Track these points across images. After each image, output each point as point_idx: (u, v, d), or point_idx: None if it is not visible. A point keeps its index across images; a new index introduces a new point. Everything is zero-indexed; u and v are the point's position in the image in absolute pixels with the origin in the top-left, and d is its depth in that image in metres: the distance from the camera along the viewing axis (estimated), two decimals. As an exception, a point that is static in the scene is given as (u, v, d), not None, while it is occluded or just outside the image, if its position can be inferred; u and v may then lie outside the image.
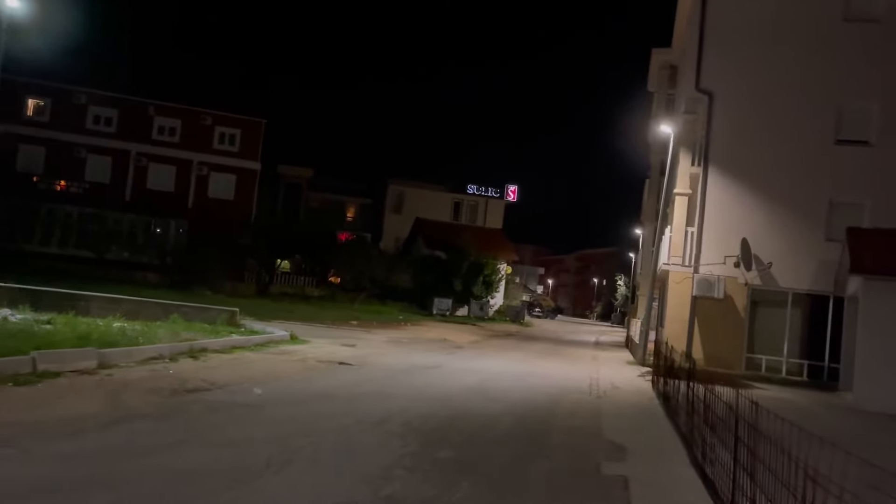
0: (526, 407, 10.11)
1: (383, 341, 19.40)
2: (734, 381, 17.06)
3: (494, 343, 24.74)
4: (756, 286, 20.39)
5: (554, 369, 16.73)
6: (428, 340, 21.76)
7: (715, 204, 20.73)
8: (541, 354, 21.40)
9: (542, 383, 13.30)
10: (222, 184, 41.57)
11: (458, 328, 30.94)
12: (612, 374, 16.65)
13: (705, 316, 20.54)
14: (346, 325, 24.53)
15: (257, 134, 42.93)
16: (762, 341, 20.40)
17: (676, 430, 9.09)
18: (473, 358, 17.64)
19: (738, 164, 20.72)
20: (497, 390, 11.55)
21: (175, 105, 41.50)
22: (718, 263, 20.45)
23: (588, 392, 12.66)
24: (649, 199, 30.70)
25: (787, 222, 20.29)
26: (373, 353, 15.81)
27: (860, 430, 11.49)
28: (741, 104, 20.87)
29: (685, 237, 21.09)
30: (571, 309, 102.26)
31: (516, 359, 18.70)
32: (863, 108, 20.17)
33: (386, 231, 59.16)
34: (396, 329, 25.81)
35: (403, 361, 14.61)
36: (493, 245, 46.84)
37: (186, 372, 9.94)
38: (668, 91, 28.51)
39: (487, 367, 15.57)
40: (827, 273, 19.63)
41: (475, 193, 63.60)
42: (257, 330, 16.56)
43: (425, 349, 18.58)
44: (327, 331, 20.89)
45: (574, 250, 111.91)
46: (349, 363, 13.07)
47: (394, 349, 17.49)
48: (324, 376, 11.12)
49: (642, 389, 13.97)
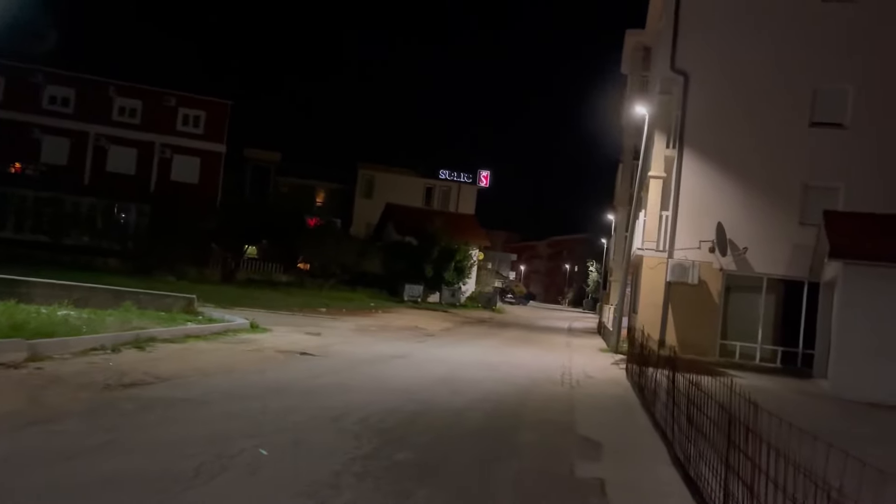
0: (496, 399, 9.51)
1: (350, 329, 18.70)
2: (709, 368, 16.70)
3: (466, 330, 24.16)
4: (731, 271, 20.05)
5: (526, 357, 16.19)
6: (397, 328, 21.11)
7: (690, 187, 20.31)
8: (513, 342, 20.86)
9: (514, 373, 12.73)
10: (186, 167, 40.36)
11: (430, 315, 30.33)
12: (585, 362, 16.15)
13: (679, 302, 20.16)
14: (314, 313, 23.78)
15: (223, 116, 41.72)
16: (736, 328, 20.09)
17: (654, 424, 8.56)
18: (443, 346, 17.03)
19: (714, 146, 20.30)
20: (466, 381, 10.94)
21: (137, 85, 40.13)
22: (693, 248, 20.06)
23: (560, 382, 12.11)
24: (622, 184, 30.28)
25: (763, 206, 19.94)
26: (338, 341, 15.12)
27: (842, 422, 11.10)
28: (717, 85, 20.43)
29: (659, 221, 20.65)
30: (543, 295, 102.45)
31: (488, 347, 18.14)
32: (838, 90, 19.85)
33: (356, 216, 58.19)
34: (366, 316, 25.11)
35: (369, 351, 13.94)
36: (464, 231, 46.21)
37: (128, 364, 9.17)
38: (642, 73, 28.02)
39: (457, 355, 14.97)
40: (801, 258, 19.34)
41: (447, 179, 62.82)
42: (216, 318, 15.76)
43: (394, 337, 17.92)
44: (292, 318, 20.13)
45: (546, 237, 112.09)
46: (311, 353, 12.37)
47: (360, 338, 16.80)
48: (281, 368, 10.41)
49: (616, 378, 13.48)
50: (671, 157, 20.65)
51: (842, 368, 13.54)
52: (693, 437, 6.03)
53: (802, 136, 19.88)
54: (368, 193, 59.77)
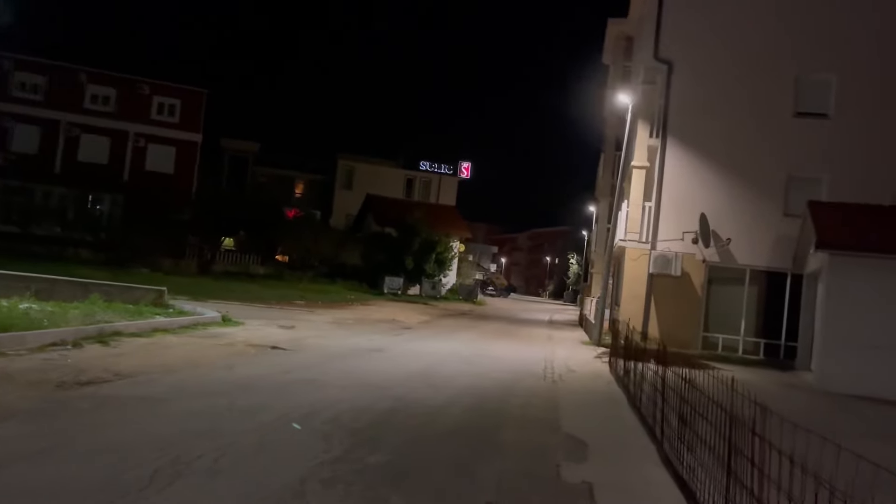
0: (476, 395, 9.11)
1: (327, 322, 18.23)
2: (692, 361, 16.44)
3: (446, 323, 23.77)
4: (714, 263, 19.81)
5: (507, 351, 15.83)
6: (375, 321, 20.66)
7: (673, 177, 20.03)
8: (493, 334, 20.50)
9: (495, 367, 12.35)
10: (161, 156, 39.47)
11: (409, 307, 29.91)
12: (567, 356, 15.82)
13: (662, 294, 19.91)
14: (290, 305, 23.28)
15: (198, 104, 40.84)
16: (719, 320, 19.87)
17: (641, 421, 8.21)
18: (422, 339, 16.62)
19: (697, 136, 20.03)
20: (444, 376, 10.53)
21: (110, 73, 39.09)
22: (676, 240, 19.80)
23: (543, 377, 11.74)
24: (604, 175, 30.00)
25: (746, 197, 19.71)
26: (312, 335, 14.65)
27: (833, 416, 10.84)
28: (700, 74, 20.14)
29: (642, 212, 20.36)
30: (524, 287, 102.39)
31: (467, 339, 17.75)
32: (822, 80, 19.63)
33: (336, 208, 57.52)
34: (343, 309, 24.63)
35: (344, 344, 13.49)
36: (445, 222, 45.79)
37: (88, 360, 8.66)
38: (625, 63, 27.71)
39: (436, 349, 14.56)
40: (784, 249, 19.14)
41: (428, 170, 62.31)
42: (186, 311, 15.23)
43: (371, 330, 17.48)
44: (267, 311, 19.61)
45: (527, 229, 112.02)
46: (283, 347, 11.90)
47: (336, 331, 16.34)
48: (251, 363, 9.94)
49: (600, 372, 13.15)
50: (654, 146, 20.36)
51: (826, 361, 13.31)
52: (686, 438, 5.68)
53: (786, 127, 19.66)
54: (348, 185, 59.10)
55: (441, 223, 44.29)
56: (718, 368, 15.63)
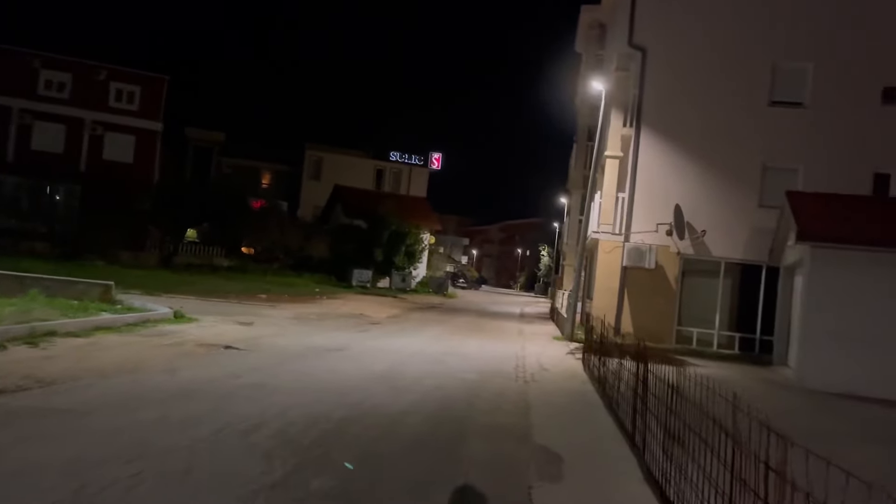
0: (441, 399, 8.41)
1: (288, 318, 17.39)
2: (667, 356, 15.92)
3: (415, 317, 23.05)
4: (688, 255, 19.35)
5: (476, 347, 15.16)
6: (340, 315, 19.86)
7: (647, 168, 19.50)
8: (463, 329, 19.84)
9: (463, 366, 11.66)
10: (120, 145, 38.06)
11: (378, 301, 29.13)
12: (539, 352, 15.20)
13: (636, 287, 19.40)
14: (253, 299, 22.37)
15: (159, 91, 39.43)
16: (693, 314, 19.43)
17: (619, 426, 7.59)
18: (388, 336, 15.87)
19: (672, 124, 19.51)
20: (409, 377, 9.81)
21: (65, 57, 37.52)
22: (650, 231, 19.28)
23: (514, 376, 11.08)
24: (576, 166, 29.45)
25: (722, 188, 19.26)
26: (271, 332, 13.83)
27: (817, 417, 10.35)
28: (676, 62, 19.61)
29: (616, 203, 19.82)
30: (496, 279, 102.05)
31: (436, 335, 17.04)
32: (798, 68, 19.22)
33: (304, 199, 56.43)
34: (308, 303, 23.78)
35: (304, 343, 12.70)
36: (416, 214, 45.02)
37: (9, 365, 7.79)
38: (597, 51, 27.13)
39: (402, 346, 13.83)
40: (760, 241, 18.75)
41: (398, 161, 61.44)
42: (136, 307, 14.31)
43: (335, 326, 16.69)
44: (226, 306, 18.72)
45: (499, 221, 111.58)
46: (236, 347, 11.07)
47: (298, 327, 15.53)
48: (197, 365, 9.12)
49: (573, 371, 12.53)
50: (628, 136, 19.80)
51: (807, 357, 12.85)
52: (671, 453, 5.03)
53: (762, 116, 19.23)
54: (316, 175, 57.99)
55: (411, 215, 43.54)
56: (694, 365, 15.17)
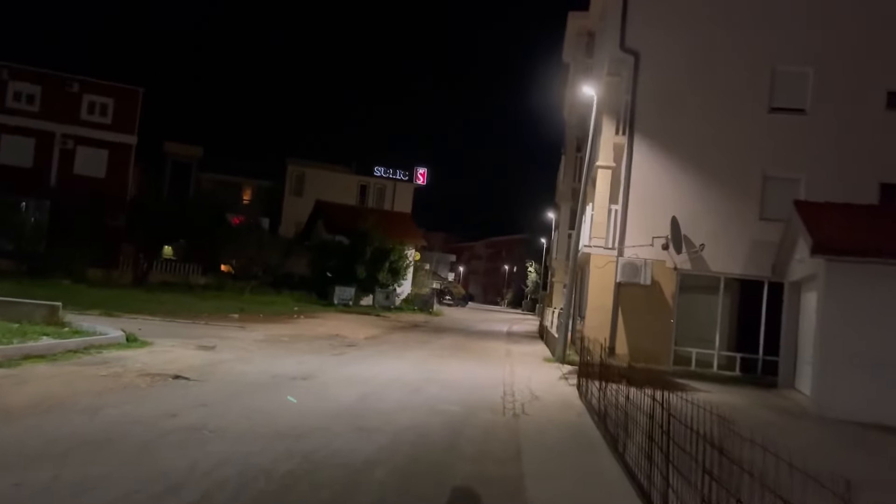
0: (417, 442, 7.13)
1: (257, 340, 16.04)
2: (667, 380, 14.71)
3: (396, 338, 21.73)
4: (685, 271, 18.21)
5: (461, 372, 13.86)
6: (315, 337, 18.51)
7: (641, 178, 18.40)
8: (447, 351, 18.54)
9: (445, 396, 10.37)
10: (92, 159, 36.66)
11: (359, 320, 27.80)
12: (529, 377, 13.93)
13: (630, 304, 18.23)
14: (225, 320, 21.02)
15: (133, 104, 38.09)
16: (692, 333, 18.25)
17: (628, 475, 6.33)
18: (364, 360, 14.55)
19: (667, 133, 18.45)
20: (380, 413, 8.51)
21: (35, 69, 36.17)
22: (645, 245, 18.14)
23: (502, 408, 9.80)
24: (565, 179, 28.37)
25: (720, 199, 18.19)
26: (232, 357, 12.49)
27: (845, 454, 9.14)
28: (670, 66, 18.59)
29: (608, 216, 18.68)
30: (482, 296, 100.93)
31: (417, 359, 15.73)
32: (798, 73, 18.24)
33: (286, 215, 55.11)
34: (284, 323, 22.42)
35: (268, 370, 11.36)
36: (400, 230, 43.82)
37: None
38: (586, 59, 26.13)
39: (378, 373, 12.52)
40: (761, 255, 17.69)
41: (382, 176, 60.33)
42: (84, 330, 12.94)
43: (307, 349, 15.35)
44: (191, 328, 17.34)
45: (485, 237, 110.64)
46: (186, 377, 9.73)
47: (265, 351, 14.18)
48: (130, 401, 7.78)
49: (568, 399, 11.26)
50: (621, 144, 18.72)
51: (824, 382, 11.66)
52: None
53: (761, 123, 18.21)
54: (299, 191, 56.73)
55: (395, 230, 42.35)
56: (697, 389, 13.97)
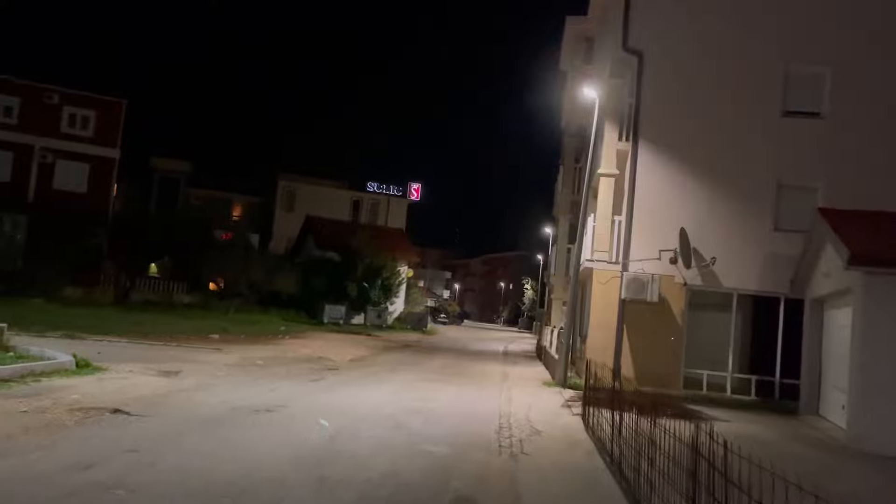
0: (391, 498, 5.73)
1: (229, 364, 14.62)
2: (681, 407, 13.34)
3: (384, 359, 20.31)
4: (695, 286, 16.86)
5: (452, 400, 12.46)
6: (295, 360, 17.10)
7: (647, 187, 17.10)
8: (438, 374, 17.11)
9: (431, 432, 8.96)
10: (72, 174, 35.37)
11: (347, 340, 26.39)
12: (528, 405, 12.52)
13: (636, 323, 16.86)
14: (202, 341, 19.65)
15: (116, 117, 36.88)
16: (703, 354, 16.86)
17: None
18: (344, 386, 13.13)
19: (674, 137, 17.19)
20: (351, 456, 7.11)
21: (13, 79, 34.91)
22: (652, 259, 16.80)
23: (497, 446, 8.40)
24: (563, 191, 27.11)
25: (731, 209, 16.89)
26: (193, 385, 11.08)
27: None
28: (676, 67, 17.36)
29: (612, 227, 17.36)
30: (478, 314, 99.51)
31: (403, 384, 14.30)
32: (813, 74, 17.02)
33: (277, 231, 53.80)
34: (265, 344, 21.01)
35: (229, 400, 9.95)
36: (393, 246, 42.54)
37: None
38: (585, 66, 24.93)
39: (358, 402, 11.10)
40: (776, 270, 16.40)
41: (376, 191, 59.13)
42: (28, 354, 11.55)
43: (283, 374, 13.93)
44: (160, 351, 15.92)
45: (481, 254, 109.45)
46: (127, 411, 8.31)
47: (234, 377, 12.77)
48: (43, 446, 6.37)
49: (573, 434, 9.85)
50: (624, 151, 17.44)
51: (862, 411, 10.30)
52: None
53: (774, 127, 16.95)
54: (290, 207, 55.46)
55: (388, 246, 41.08)
56: (713, 418, 12.60)
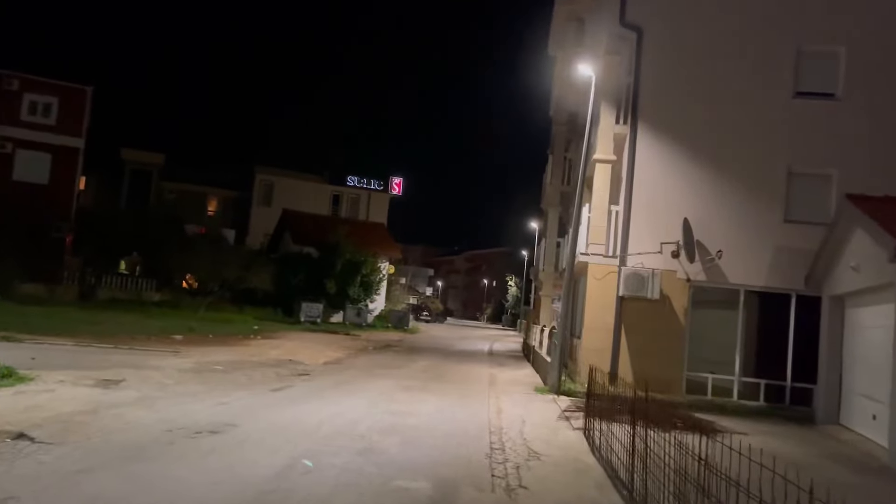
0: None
1: (184, 370, 13.01)
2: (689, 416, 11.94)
3: (362, 362, 18.77)
4: (699, 283, 15.51)
5: (434, 414, 10.93)
6: (261, 364, 15.51)
7: (646, 174, 15.72)
8: (419, 381, 15.58)
9: (407, 459, 7.44)
10: (33, 164, 33.34)
11: (324, 340, 24.83)
12: (521, 418, 11.04)
13: (635, 322, 15.48)
14: (163, 343, 18.04)
15: (80, 104, 34.85)
16: (707, 355, 15.52)
17: None
18: (312, 396, 11.58)
19: (675, 120, 15.82)
20: (305, 498, 5.58)
21: (-32, 64, 32.95)
22: (653, 253, 15.43)
23: (489, 476, 6.90)
24: (552, 182, 25.67)
25: (738, 198, 15.56)
26: (132, 399, 9.49)
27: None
28: (678, 44, 16.00)
29: (608, 218, 15.95)
30: (462, 311, 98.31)
31: (381, 393, 12.75)
32: (827, 52, 15.71)
33: (253, 226, 51.93)
34: (233, 346, 19.41)
35: (170, 417, 8.38)
36: (373, 241, 40.99)
37: None
38: (576, 48, 23.49)
39: (324, 417, 9.55)
40: (786, 264, 15.13)
41: (356, 185, 57.37)
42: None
43: (243, 382, 12.35)
44: (109, 355, 14.27)
45: (464, 250, 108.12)
46: (32, 436, 6.73)
47: (185, 386, 11.17)
48: None
49: (578, 456, 8.36)
50: (622, 134, 16.03)
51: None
52: None
53: (785, 110, 15.63)
54: (267, 201, 53.59)
55: (369, 242, 39.53)
56: (727, 430, 11.24)
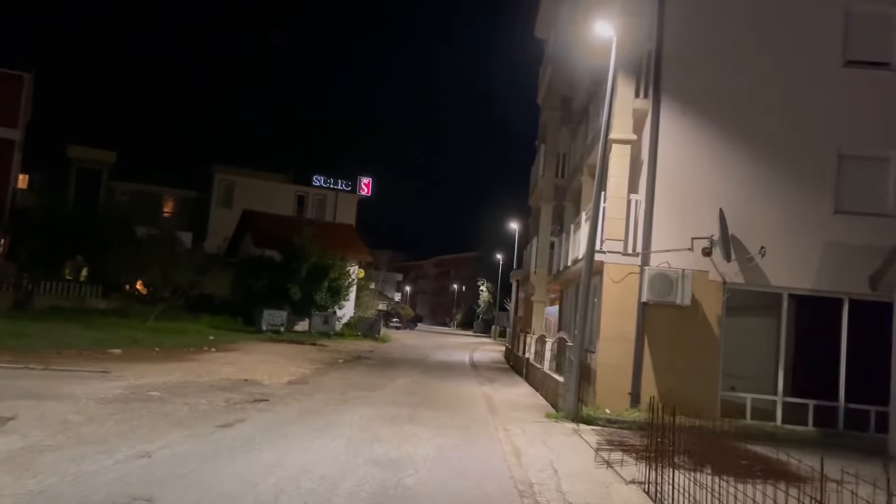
0: None
1: (106, 399, 10.12)
2: (741, 450, 9.61)
3: (332, 381, 15.95)
4: (736, 285, 13.10)
5: (434, 461, 8.21)
6: (210, 386, 12.63)
7: (672, 156, 13.29)
8: (405, 406, 12.79)
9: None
10: (-39, 158, 29.93)
11: (288, 352, 22.00)
12: (548, 464, 8.39)
13: (661, 333, 13.02)
14: (95, 359, 15.18)
15: (16, 92, 31.32)
16: (745, 371, 13.11)
17: None
18: (270, 437, 8.76)
19: (705, 94, 13.46)
20: None
21: None
22: (682, 249, 12.98)
23: None
24: (545, 174, 23.17)
25: (779, 185, 13.22)
26: (9, 451, 6.65)
27: None
28: (707, 4, 13.62)
29: (627, 209, 13.45)
30: (431, 317, 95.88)
31: (359, 429, 9.92)
32: (881, 12, 13.49)
33: (213, 229, 48.76)
34: (180, 361, 16.52)
35: (45, 490, 5.59)
36: (342, 243, 38.24)
37: None
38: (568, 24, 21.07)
39: (286, 476, 6.77)
40: (836, 263, 12.81)
41: (323, 186, 54.46)
42: None
43: (181, 416, 9.48)
44: (16, 377, 11.32)
45: (433, 255, 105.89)
46: None
47: (97, 425, 8.28)
48: None
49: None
50: (643, 110, 13.57)
51: None
52: None
53: (833, 82, 13.35)
54: (228, 202, 50.43)
55: (336, 244, 36.75)
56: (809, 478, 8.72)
